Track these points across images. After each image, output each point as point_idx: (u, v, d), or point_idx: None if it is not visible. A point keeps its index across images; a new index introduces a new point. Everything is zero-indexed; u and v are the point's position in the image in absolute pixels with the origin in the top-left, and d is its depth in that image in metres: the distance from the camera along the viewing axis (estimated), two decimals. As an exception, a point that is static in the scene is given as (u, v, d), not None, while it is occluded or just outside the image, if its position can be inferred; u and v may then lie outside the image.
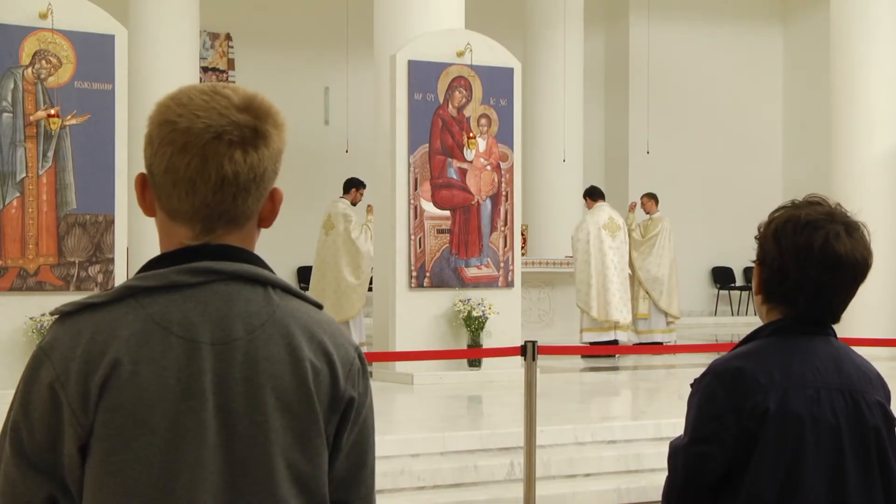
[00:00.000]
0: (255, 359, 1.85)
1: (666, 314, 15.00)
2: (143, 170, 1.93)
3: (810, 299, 2.55)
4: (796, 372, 2.53)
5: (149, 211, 1.93)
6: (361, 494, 1.97)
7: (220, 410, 1.83)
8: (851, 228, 2.56)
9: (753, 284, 2.65)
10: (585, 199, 14.67)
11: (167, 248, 1.91)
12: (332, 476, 1.93)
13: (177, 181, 1.86)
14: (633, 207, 15.63)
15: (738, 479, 2.51)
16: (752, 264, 2.67)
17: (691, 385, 2.61)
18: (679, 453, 2.57)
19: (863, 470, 2.52)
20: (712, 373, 2.56)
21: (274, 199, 1.93)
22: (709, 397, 2.53)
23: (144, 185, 1.92)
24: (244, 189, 1.87)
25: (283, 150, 1.91)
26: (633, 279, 14.96)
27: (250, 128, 1.86)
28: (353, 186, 13.88)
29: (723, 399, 2.51)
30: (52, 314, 1.89)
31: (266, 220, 1.94)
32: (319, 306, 1.97)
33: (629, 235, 14.79)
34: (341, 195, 13.90)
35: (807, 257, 2.52)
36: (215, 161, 1.85)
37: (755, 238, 2.61)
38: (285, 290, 1.92)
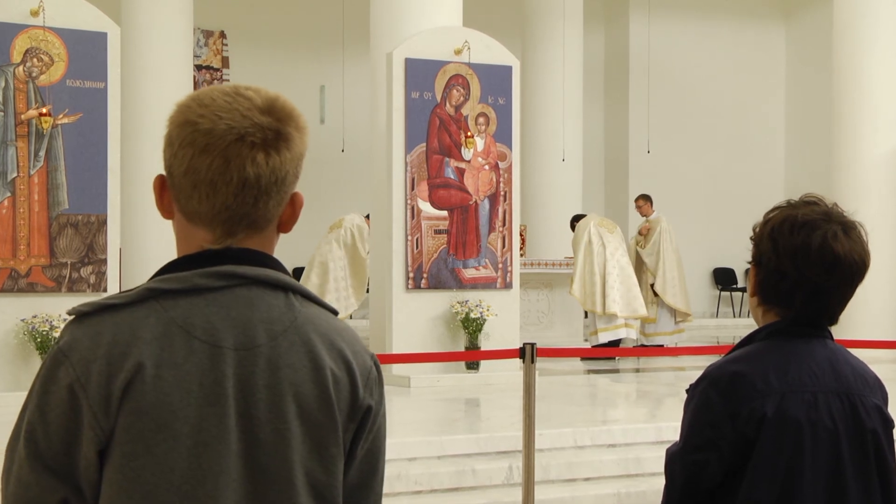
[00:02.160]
0: (277, 366, 1.85)
1: (675, 314, 14.99)
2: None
3: (807, 300, 2.55)
4: (793, 376, 2.53)
5: (167, 213, 1.92)
6: (371, 502, 1.98)
7: (242, 417, 1.83)
8: (849, 228, 2.56)
9: (748, 286, 2.64)
10: (572, 226, 14.67)
11: (185, 251, 1.90)
12: (345, 483, 1.93)
13: (197, 183, 1.85)
14: (645, 231, 15.46)
15: (735, 486, 2.51)
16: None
17: (687, 391, 2.61)
18: (675, 461, 2.57)
19: (861, 474, 2.53)
20: (707, 378, 2.55)
21: (294, 204, 1.93)
22: (704, 403, 2.53)
23: (163, 187, 1.91)
24: (265, 192, 1.86)
25: (304, 154, 1.91)
26: (643, 283, 14.99)
27: (273, 130, 1.86)
28: None
29: (719, 405, 2.51)
30: (68, 313, 1.88)
31: (286, 224, 1.93)
32: (335, 312, 1.97)
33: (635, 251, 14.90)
34: (366, 215, 13.98)
35: (804, 258, 2.51)
36: (237, 163, 1.84)
37: (751, 239, 2.60)
38: (305, 296, 1.92)
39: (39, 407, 1.82)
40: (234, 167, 1.84)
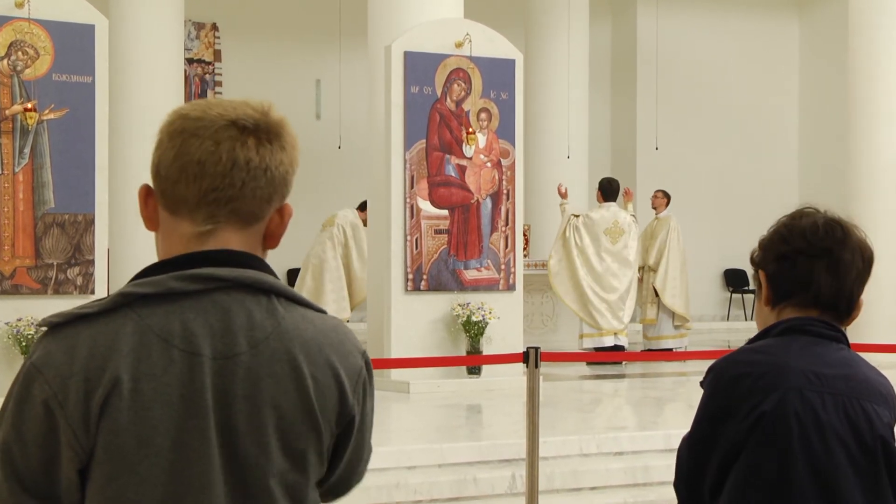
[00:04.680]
0: (257, 375, 1.85)
1: (674, 316, 15.00)
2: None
3: (825, 276, 2.61)
4: (800, 375, 2.56)
5: (151, 223, 1.93)
6: (342, 494, 2.02)
7: (222, 429, 1.82)
8: (847, 223, 2.68)
9: (762, 296, 2.69)
10: (598, 192, 14.57)
11: (166, 253, 1.90)
12: (327, 482, 1.95)
13: (185, 165, 1.87)
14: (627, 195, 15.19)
15: (734, 480, 2.56)
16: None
17: (700, 384, 2.69)
18: (683, 448, 2.66)
19: (869, 477, 2.54)
20: (713, 371, 2.64)
21: (283, 214, 1.93)
22: (709, 396, 2.61)
23: (148, 195, 1.92)
24: (253, 178, 1.87)
25: (294, 168, 1.93)
26: (642, 283, 14.98)
27: (265, 123, 1.90)
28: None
29: (721, 399, 2.58)
30: (39, 326, 1.87)
31: (273, 236, 1.94)
32: (322, 312, 1.96)
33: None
34: (356, 206, 13.99)
35: (814, 233, 2.62)
36: (228, 145, 1.87)
37: (751, 261, 2.69)
38: (289, 298, 1.91)
39: (15, 426, 1.81)
40: (224, 149, 1.87)
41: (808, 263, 2.61)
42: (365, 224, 13.83)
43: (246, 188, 1.87)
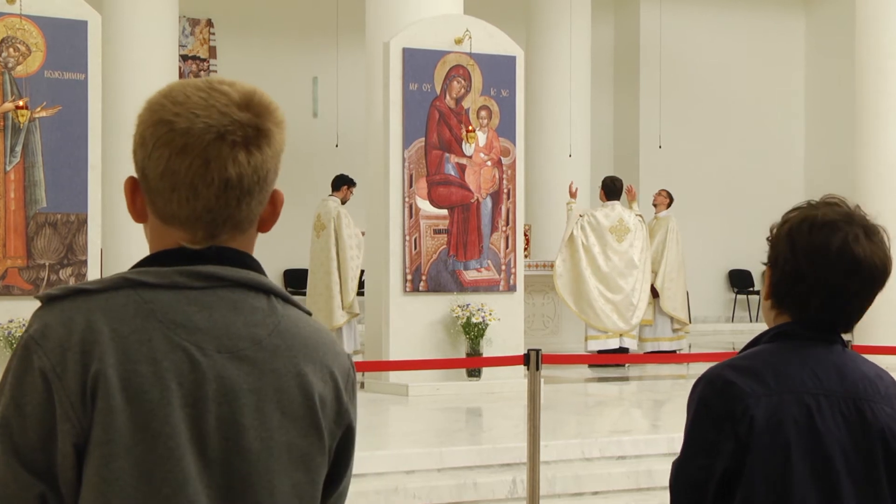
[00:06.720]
0: (261, 371, 1.87)
1: (672, 320, 15.01)
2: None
3: (824, 304, 2.56)
4: (794, 378, 2.55)
5: (139, 217, 1.93)
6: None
7: (222, 423, 1.84)
8: (871, 232, 2.57)
9: (762, 289, 2.67)
10: (600, 191, 14.58)
11: (161, 248, 1.90)
12: (328, 494, 1.96)
13: (176, 185, 1.86)
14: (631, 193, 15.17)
15: (733, 491, 2.55)
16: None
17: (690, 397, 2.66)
18: (679, 471, 2.62)
19: (868, 480, 2.54)
20: (704, 380, 2.60)
21: (275, 202, 1.94)
22: (702, 406, 2.57)
23: (135, 190, 1.92)
24: (248, 193, 1.87)
25: (283, 150, 1.92)
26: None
27: (253, 127, 1.86)
28: (343, 184, 13.92)
29: (716, 407, 2.54)
30: (37, 298, 1.88)
31: (266, 223, 1.95)
32: (309, 314, 1.99)
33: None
34: (330, 193, 13.95)
35: (823, 259, 2.53)
36: (218, 164, 1.85)
37: (767, 240, 2.62)
38: (284, 298, 1.94)
39: (14, 399, 1.81)
40: (214, 168, 1.85)
41: (808, 290, 2.55)
42: (344, 202, 13.80)
43: (242, 204, 1.88)
